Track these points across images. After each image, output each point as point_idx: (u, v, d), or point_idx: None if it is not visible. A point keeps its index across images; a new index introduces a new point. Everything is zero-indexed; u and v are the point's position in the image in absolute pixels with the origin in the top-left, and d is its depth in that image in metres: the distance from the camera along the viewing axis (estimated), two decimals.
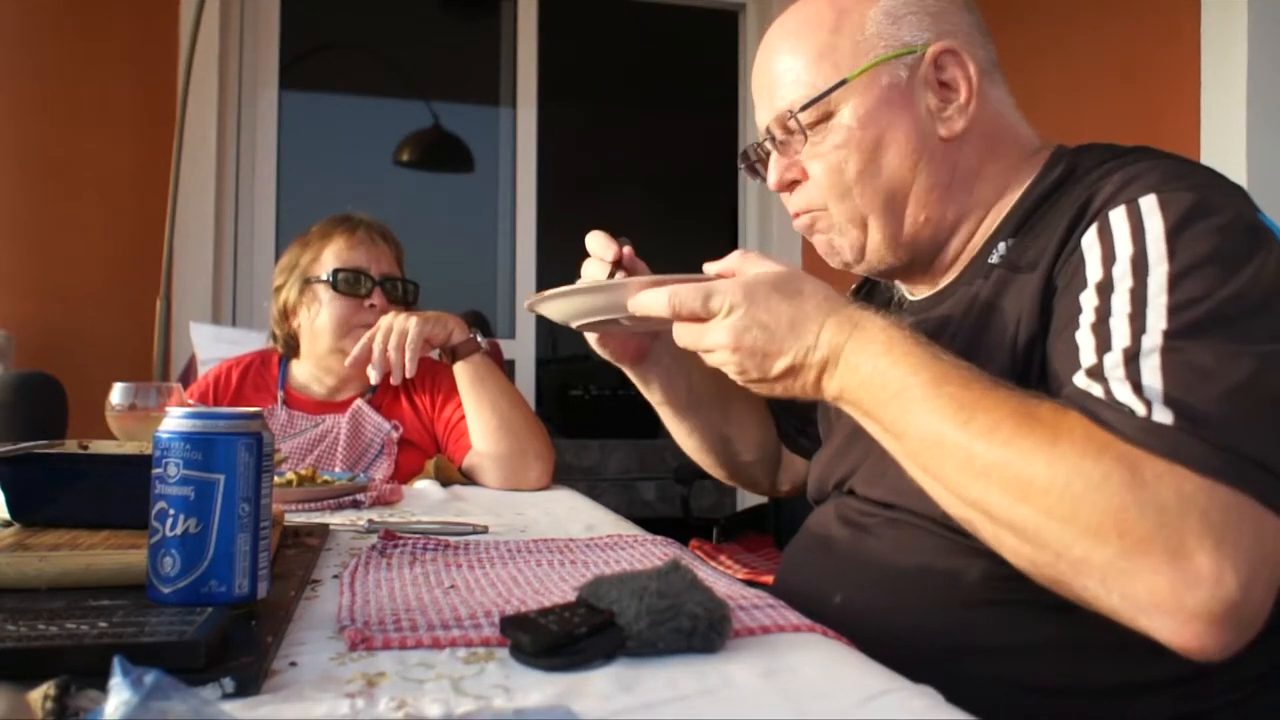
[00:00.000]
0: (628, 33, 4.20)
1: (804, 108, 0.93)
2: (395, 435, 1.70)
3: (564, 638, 0.59)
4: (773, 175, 0.99)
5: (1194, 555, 0.62)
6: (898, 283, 1.06)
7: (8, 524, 0.97)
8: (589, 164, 4.70)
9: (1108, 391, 0.71)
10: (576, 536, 1.06)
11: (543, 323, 3.21)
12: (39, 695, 0.45)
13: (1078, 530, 0.66)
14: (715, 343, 0.82)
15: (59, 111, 2.72)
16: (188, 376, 2.33)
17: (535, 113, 3.26)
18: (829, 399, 0.82)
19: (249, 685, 0.54)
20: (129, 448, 1.06)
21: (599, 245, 1.07)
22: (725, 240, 3.73)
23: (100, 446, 1.04)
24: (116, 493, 0.88)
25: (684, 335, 0.85)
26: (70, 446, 1.02)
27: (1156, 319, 0.72)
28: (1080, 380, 0.73)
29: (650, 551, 0.98)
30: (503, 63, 3.47)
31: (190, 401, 1.58)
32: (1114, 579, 0.65)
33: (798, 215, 1.00)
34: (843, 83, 0.91)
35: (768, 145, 0.99)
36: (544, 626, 0.60)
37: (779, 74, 0.96)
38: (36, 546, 0.79)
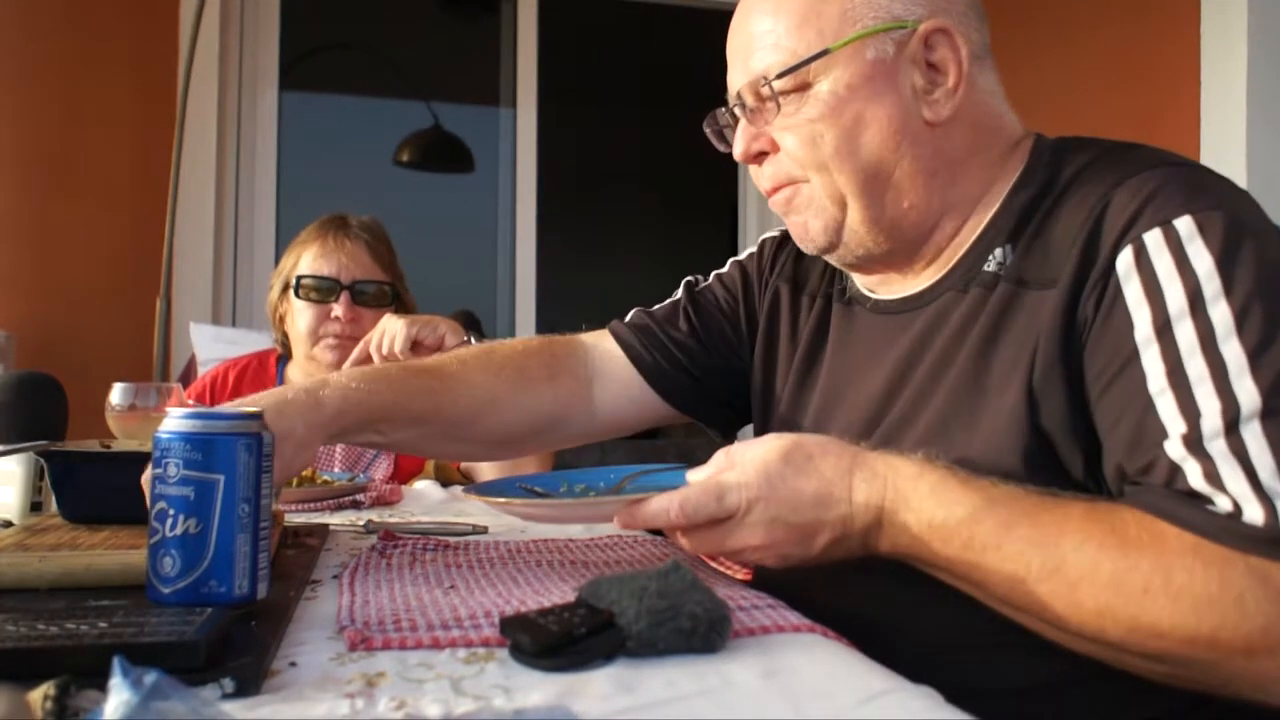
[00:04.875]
0: (628, 33, 4.20)
1: (780, 75, 0.87)
2: None
3: (564, 638, 0.59)
4: (739, 145, 0.92)
5: None
6: (856, 277, 0.99)
7: (8, 524, 0.97)
8: (589, 164, 4.70)
9: (1214, 473, 0.68)
10: (576, 536, 1.06)
11: (543, 323, 3.22)
12: (39, 695, 0.45)
13: (1225, 653, 0.65)
14: (745, 544, 0.76)
15: (59, 111, 2.72)
16: (188, 376, 2.33)
17: (535, 113, 3.26)
18: (884, 556, 0.78)
19: (249, 685, 0.54)
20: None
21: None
22: (725, 240, 3.74)
23: (124, 446, 1.04)
24: None
25: (704, 542, 0.78)
26: (91, 446, 1.02)
27: (1239, 372, 0.69)
28: (1175, 450, 0.70)
29: (650, 551, 0.98)
30: (503, 63, 3.47)
31: (190, 402, 1.58)
32: (1269, 685, 0.65)
33: (773, 191, 0.93)
34: (825, 52, 0.85)
35: (736, 111, 0.93)
36: (544, 626, 0.60)
37: (757, 35, 0.89)
38: (36, 546, 0.79)
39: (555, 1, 3.30)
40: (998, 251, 0.86)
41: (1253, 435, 0.68)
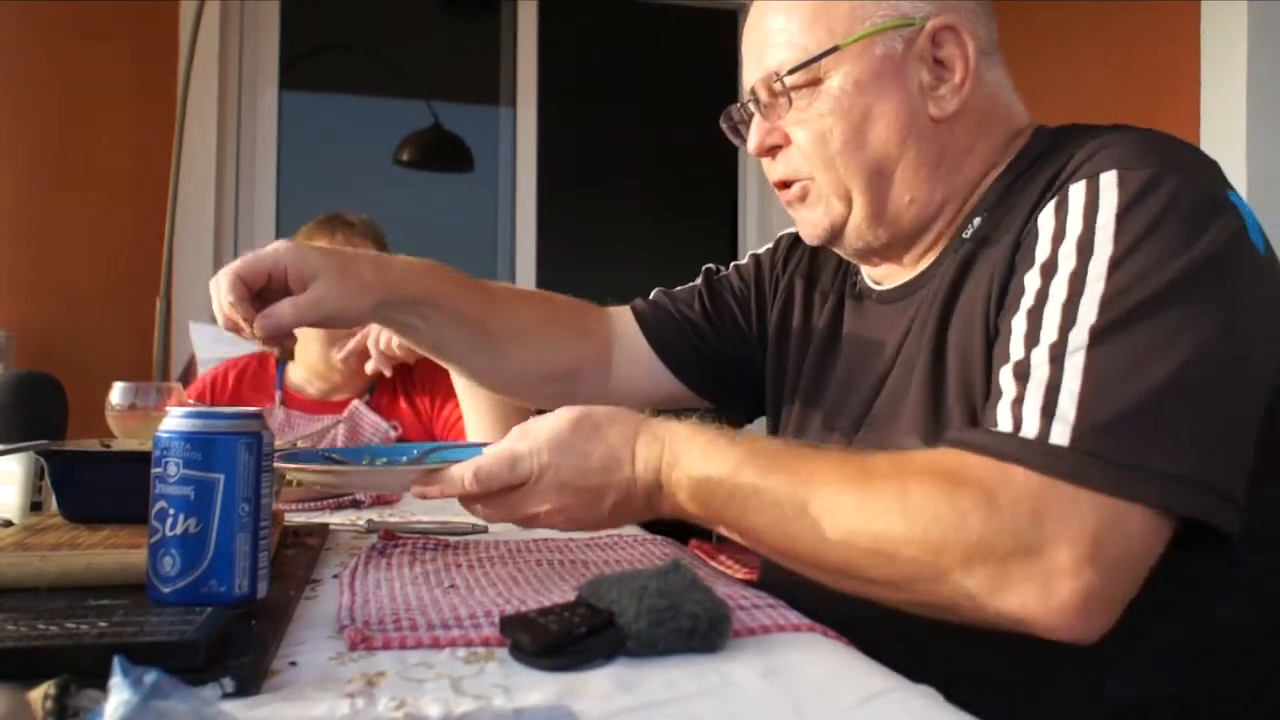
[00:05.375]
0: (628, 33, 4.20)
1: (791, 71, 0.90)
2: (394, 435, 1.70)
3: (564, 637, 0.59)
4: (753, 139, 0.96)
5: (1054, 556, 0.65)
6: (864, 270, 1.02)
7: (8, 524, 0.97)
8: (589, 164, 4.69)
9: (1021, 398, 0.70)
10: (576, 536, 1.06)
11: None
12: (39, 695, 0.45)
13: (946, 570, 0.67)
14: (537, 508, 0.79)
15: (59, 111, 2.72)
16: (188, 376, 2.33)
17: (535, 113, 3.26)
18: (668, 516, 0.81)
19: (249, 685, 0.54)
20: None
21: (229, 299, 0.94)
22: (725, 239, 3.73)
23: (123, 446, 1.04)
24: None
25: (499, 509, 0.81)
26: (91, 446, 1.02)
27: (1089, 309, 0.71)
28: (1005, 376, 0.73)
29: (650, 551, 0.98)
30: (503, 63, 3.47)
31: (190, 401, 1.58)
32: (987, 600, 0.67)
33: (784, 186, 0.96)
34: (835, 48, 0.88)
35: (750, 107, 0.96)
36: (544, 626, 0.60)
37: (771, 33, 0.93)
38: (36, 546, 0.79)
39: (555, 1, 3.30)
40: (976, 221, 0.89)
41: (1072, 365, 0.70)
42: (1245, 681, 0.79)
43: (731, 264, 1.20)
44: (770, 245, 1.18)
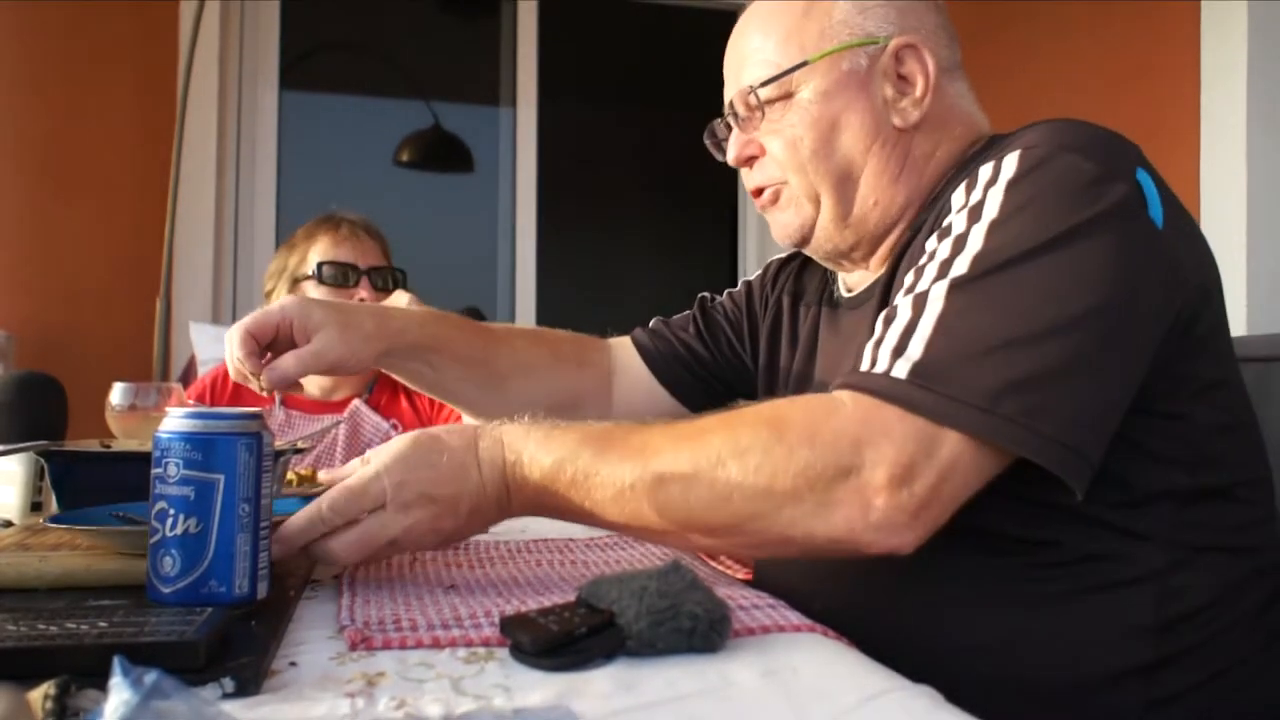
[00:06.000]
0: (628, 33, 4.20)
1: (764, 83, 0.96)
2: (394, 435, 1.70)
3: (564, 637, 0.59)
4: (731, 150, 1.01)
5: (873, 474, 0.70)
6: (840, 276, 1.07)
7: (7, 524, 0.97)
8: (589, 164, 4.69)
9: (880, 340, 0.75)
10: (576, 536, 1.06)
11: (543, 322, 3.22)
12: (39, 695, 0.45)
13: (778, 504, 0.71)
14: (395, 529, 0.76)
15: (59, 111, 2.72)
16: (188, 376, 2.33)
17: (535, 113, 3.26)
18: (518, 515, 0.82)
19: (249, 685, 0.54)
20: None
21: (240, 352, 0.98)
22: (725, 239, 3.74)
23: (123, 446, 1.04)
24: None
25: (361, 539, 0.75)
26: (91, 446, 1.02)
27: (961, 265, 0.75)
28: (878, 322, 0.78)
29: (650, 551, 0.98)
30: (503, 63, 3.47)
31: (190, 402, 1.59)
32: (814, 525, 0.71)
33: (758, 192, 1.02)
34: (804, 63, 0.95)
35: (730, 121, 1.02)
36: (544, 626, 0.60)
37: (748, 53, 0.99)
38: (36, 547, 0.79)
39: (555, 1, 3.30)
40: (921, 219, 0.94)
41: (930, 312, 0.74)
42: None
43: (725, 291, 1.27)
44: (760, 271, 1.24)
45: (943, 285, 0.75)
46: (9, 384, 1.84)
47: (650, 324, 1.27)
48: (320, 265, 1.76)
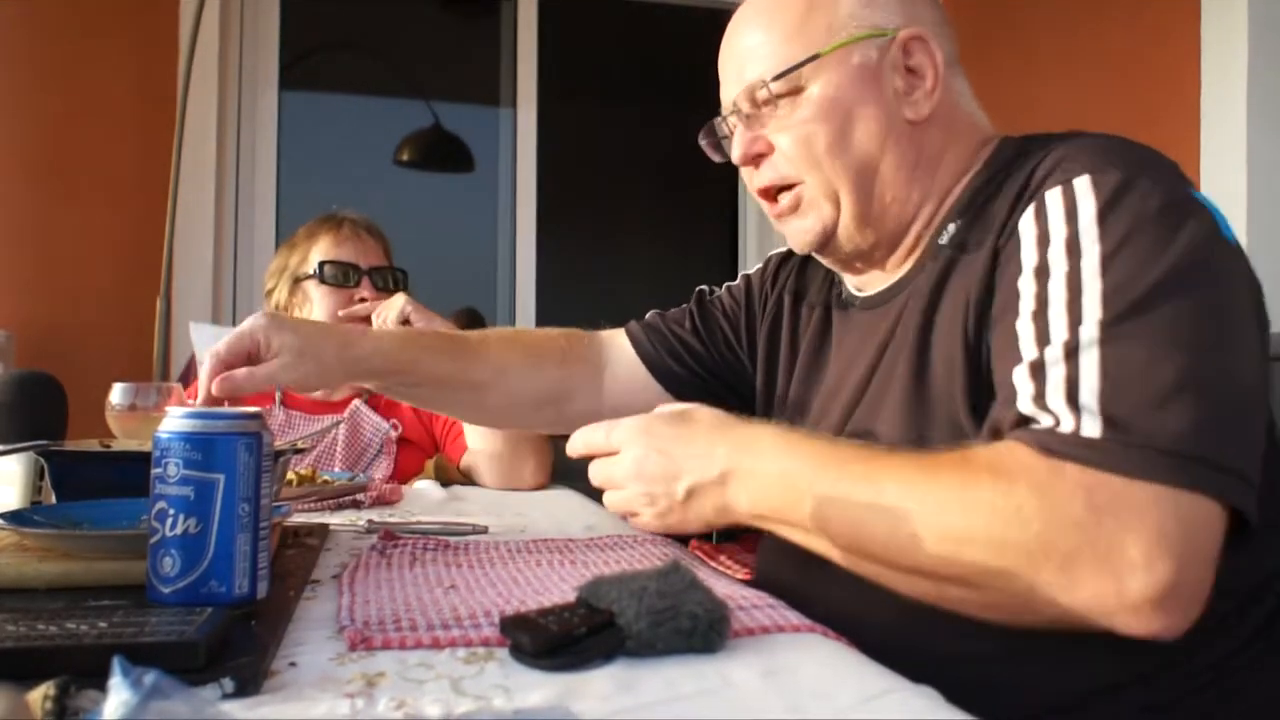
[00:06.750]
0: (628, 33, 4.20)
1: (776, 77, 0.94)
2: (394, 435, 1.71)
3: (564, 638, 0.59)
4: (738, 148, 0.99)
5: (1123, 551, 0.65)
6: (846, 279, 1.06)
7: None
8: (589, 164, 4.69)
9: (1041, 393, 0.72)
10: (576, 537, 1.06)
11: (543, 322, 3.21)
12: (39, 695, 0.45)
13: (1013, 566, 0.67)
14: (623, 473, 0.86)
15: (60, 111, 2.72)
16: (188, 376, 2.33)
17: (535, 113, 3.26)
18: (744, 518, 0.83)
19: (249, 685, 0.54)
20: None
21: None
22: (725, 239, 3.74)
23: (123, 446, 1.04)
24: None
25: (598, 473, 0.90)
26: (91, 446, 1.02)
27: (1092, 306, 0.73)
28: (1020, 376, 0.74)
29: (650, 551, 0.98)
30: (503, 63, 3.47)
31: (190, 401, 1.59)
32: (1061, 597, 0.66)
33: (768, 196, 0.99)
34: (815, 57, 0.93)
35: (733, 120, 0.99)
36: (544, 626, 0.60)
37: (750, 49, 0.97)
38: (36, 547, 0.79)
39: (555, 1, 3.30)
40: (950, 227, 0.92)
41: (1088, 359, 0.71)
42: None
43: (724, 285, 1.25)
44: (760, 265, 1.22)
45: (1090, 330, 0.72)
46: (9, 384, 1.84)
47: (646, 317, 1.26)
48: (322, 265, 1.76)
